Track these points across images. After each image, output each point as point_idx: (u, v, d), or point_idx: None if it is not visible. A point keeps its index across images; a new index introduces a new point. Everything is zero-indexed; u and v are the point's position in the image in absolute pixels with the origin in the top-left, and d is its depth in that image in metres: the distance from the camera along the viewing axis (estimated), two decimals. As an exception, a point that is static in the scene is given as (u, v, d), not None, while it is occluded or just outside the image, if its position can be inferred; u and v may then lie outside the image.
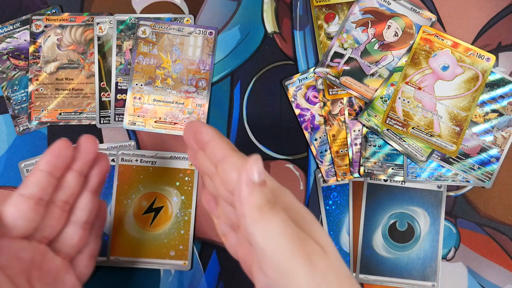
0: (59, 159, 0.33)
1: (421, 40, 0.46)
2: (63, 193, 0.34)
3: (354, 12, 0.48)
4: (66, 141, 0.34)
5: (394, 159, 0.47)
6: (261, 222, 0.26)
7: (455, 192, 0.48)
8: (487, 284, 0.47)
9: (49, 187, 0.33)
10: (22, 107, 0.48)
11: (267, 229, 0.26)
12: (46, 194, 0.33)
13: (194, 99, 0.47)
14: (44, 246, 0.34)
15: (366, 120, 0.46)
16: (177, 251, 0.46)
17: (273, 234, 0.26)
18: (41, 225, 0.33)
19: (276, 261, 0.25)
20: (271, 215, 0.26)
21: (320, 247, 0.27)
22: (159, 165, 0.47)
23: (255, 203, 0.26)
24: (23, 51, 0.48)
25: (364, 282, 0.47)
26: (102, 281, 0.46)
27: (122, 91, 0.48)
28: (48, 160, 0.33)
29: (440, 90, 0.46)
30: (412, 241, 0.47)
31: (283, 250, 0.25)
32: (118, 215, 0.46)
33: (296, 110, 0.48)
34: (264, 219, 0.26)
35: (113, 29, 0.48)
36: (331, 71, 0.47)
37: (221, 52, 0.48)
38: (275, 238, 0.25)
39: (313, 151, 0.48)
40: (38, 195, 0.32)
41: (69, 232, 0.35)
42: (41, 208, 0.33)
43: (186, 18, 0.48)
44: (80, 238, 0.35)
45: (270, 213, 0.26)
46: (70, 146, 0.34)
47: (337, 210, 0.47)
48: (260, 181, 0.26)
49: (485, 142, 0.46)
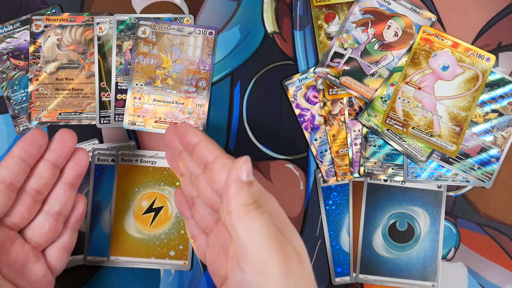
0: (32, 147, 0.34)
1: (421, 40, 0.46)
2: (35, 182, 0.35)
3: (354, 12, 0.48)
4: (41, 130, 0.34)
5: (394, 159, 0.47)
6: (246, 219, 0.27)
7: (455, 192, 0.48)
8: (487, 284, 0.47)
9: (21, 173, 0.33)
10: (22, 107, 0.48)
11: (251, 227, 0.27)
12: (17, 180, 0.33)
13: (194, 99, 0.47)
14: (14, 233, 0.34)
15: (366, 120, 0.46)
16: (177, 251, 0.46)
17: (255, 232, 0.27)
18: (10, 211, 0.34)
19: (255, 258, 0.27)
20: (256, 214, 0.27)
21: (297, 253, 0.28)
22: (159, 165, 0.47)
23: (242, 201, 0.27)
24: (23, 51, 0.48)
25: (364, 282, 0.47)
26: (102, 281, 0.46)
27: (122, 91, 0.48)
28: (21, 147, 0.33)
29: (440, 90, 0.46)
30: (412, 241, 0.47)
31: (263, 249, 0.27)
32: (118, 215, 0.46)
33: (296, 110, 0.48)
34: (249, 217, 0.27)
35: (113, 29, 0.48)
36: (331, 71, 0.47)
37: (221, 52, 0.48)
38: (257, 236, 0.27)
39: (313, 151, 0.48)
40: (9, 180, 0.33)
41: (40, 221, 0.35)
42: (11, 193, 0.33)
43: (186, 18, 0.48)
44: (51, 228, 0.35)
45: (255, 212, 0.27)
46: (45, 135, 0.34)
47: (337, 210, 0.47)
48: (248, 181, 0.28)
49: (485, 142, 0.46)
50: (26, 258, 0.34)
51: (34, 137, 0.34)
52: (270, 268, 0.26)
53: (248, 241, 0.27)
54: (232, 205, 0.28)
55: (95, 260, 0.46)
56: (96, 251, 0.46)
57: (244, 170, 0.28)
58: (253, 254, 0.27)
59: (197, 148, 0.33)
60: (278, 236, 0.27)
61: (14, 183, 0.33)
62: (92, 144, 0.47)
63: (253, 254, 0.27)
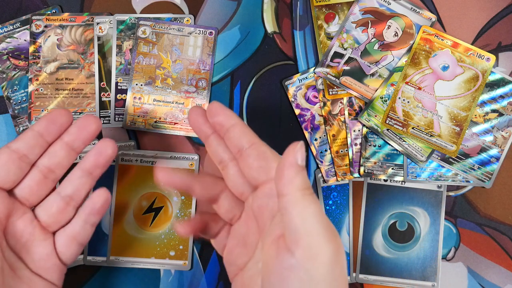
0: (53, 124, 0.34)
1: (421, 40, 0.46)
2: (47, 159, 0.35)
3: (354, 12, 0.48)
4: (67, 111, 0.35)
5: (394, 159, 0.47)
6: (302, 203, 0.27)
7: (455, 192, 0.48)
8: (487, 284, 0.47)
9: (37, 147, 0.34)
10: (22, 107, 0.48)
11: (307, 211, 0.27)
12: (32, 153, 0.34)
13: (194, 99, 0.47)
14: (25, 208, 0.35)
15: (366, 120, 0.46)
16: (177, 251, 0.46)
17: (311, 217, 0.27)
18: (21, 183, 0.34)
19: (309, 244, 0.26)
20: (312, 200, 0.27)
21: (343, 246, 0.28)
22: (159, 165, 0.47)
23: (299, 184, 0.27)
24: (23, 51, 0.48)
25: (364, 282, 0.47)
26: (102, 281, 0.46)
27: (122, 91, 0.48)
28: (42, 123, 0.34)
29: (440, 90, 0.46)
30: (412, 241, 0.47)
31: (318, 235, 0.26)
32: (118, 215, 0.46)
33: (296, 110, 0.48)
34: (305, 200, 0.27)
35: (113, 29, 0.48)
36: (331, 71, 0.47)
37: (221, 52, 0.48)
38: (313, 222, 0.27)
39: (313, 151, 0.48)
40: (23, 151, 0.34)
41: (50, 201, 0.36)
42: (23, 164, 0.34)
43: (186, 18, 0.48)
44: (60, 210, 0.35)
45: (311, 198, 0.27)
46: (69, 116, 0.35)
47: (337, 210, 0.47)
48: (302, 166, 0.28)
49: (485, 142, 0.46)
50: (33, 233, 0.35)
51: (56, 115, 0.35)
52: (322, 254, 0.26)
53: (302, 226, 0.27)
54: (288, 188, 0.27)
55: (95, 260, 0.46)
56: (96, 251, 0.46)
57: (300, 154, 0.28)
58: (307, 239, 0.26)
59: (232, 132, 0.32)
60: (330, 225, 0.27)
61: (28, 155, 0.34)
62: (92, 144, 0.47)
63: (307, 239, 0.26)
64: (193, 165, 0.47)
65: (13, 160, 0.33)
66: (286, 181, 0.28)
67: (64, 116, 0.35)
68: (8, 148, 0.34)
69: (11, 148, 0.34)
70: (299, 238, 0.27)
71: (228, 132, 0.33)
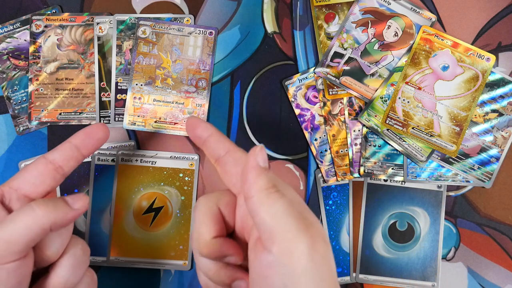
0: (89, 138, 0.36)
1: (421, 40, 0.46)
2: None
3: (354, 12, 0.48)
4: (104, 126, 0.37)
5: (394, 159, 0.47)
6: (267, 202, 0.27)
7: (455, 192, 0.48)
8: (487, 284, 0.47)
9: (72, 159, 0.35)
10: (22, 107, 0.48)
11: (274, 208, 0.27)
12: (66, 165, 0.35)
13: (194, 99, 0.47)
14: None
15: (366, 120, 0.46)
16: (177, 251, 0.46)
17: (280, 213, 0.27)
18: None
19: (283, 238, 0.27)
20: (277, 196, 0.28)
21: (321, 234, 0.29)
22: (159, 165, 0.47)
23: (263, 185, 0.28)
24: (23, 51, 0.48)
25: (364, 282, 0.47)
26: (102, 281, 0.46)
27: (122, 91, 0.48)
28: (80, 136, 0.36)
29: (440, 90, 0.46)
30: (412, 241, 0.47)
31: (290, 228, 0.27)
32: (118, 215, 0.46)
33: (296, 110, 0.48)
34: (271, 198, 0.27)
35: (113, 29, 0.48)
36: (331, 71, 0.47)
37: (221, 52, 0.48)
38: (282, 217, 0.27)
39: (313, 151, 0.48)
40: (59, 163, 0.35)
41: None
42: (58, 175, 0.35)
43: (186, 18, 0.48)
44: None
45: (277, 195, 0.28)
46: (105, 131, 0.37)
47: (337, 210, 0.47)
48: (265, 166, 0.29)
49: (485, 142, 0.46)
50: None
51: (94, 129, 0.37)
52: (298, 246, 0.26)
53: (273, 223, 0.27)
54: (252, 190, 0.28)
55: (95, 260, 0.46)
56: (96, 251, 0.46)
57: (260, 157, 0.29)
58: (280, 234, 0.27)
59: (209, 142, 0.34)
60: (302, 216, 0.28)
61: (63, 167, 0.35)
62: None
63: (281, 234, 0.27)
64: (193, 165, 0.47)
65: (49, 170, 0.34)
66: (249, 184, 0.28)
67: (101, 131, 0.37)
68: (45, 158, 0.34)
69: (48, 159, 0.34)
70: (272, 236, 0.27)
71: (205, 143, 0.35)
